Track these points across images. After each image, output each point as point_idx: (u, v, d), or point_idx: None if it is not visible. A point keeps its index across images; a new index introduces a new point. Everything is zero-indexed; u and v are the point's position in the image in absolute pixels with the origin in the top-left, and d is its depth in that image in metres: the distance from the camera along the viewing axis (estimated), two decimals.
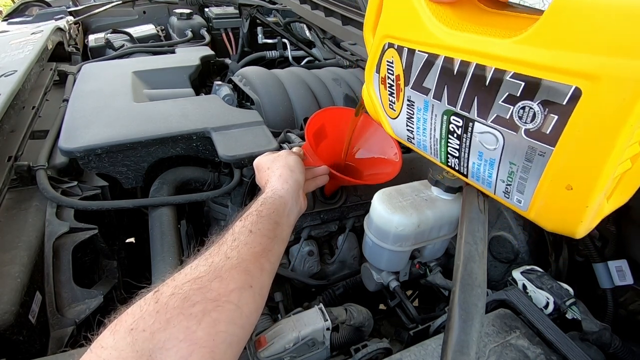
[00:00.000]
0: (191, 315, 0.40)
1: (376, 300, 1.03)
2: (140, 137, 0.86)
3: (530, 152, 0.40)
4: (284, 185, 0.65)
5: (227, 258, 0.47)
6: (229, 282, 0.44)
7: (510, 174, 0.44)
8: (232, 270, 0.45)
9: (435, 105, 0.49)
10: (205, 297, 0.42)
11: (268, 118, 1.06)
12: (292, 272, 0.95)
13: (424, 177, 0.77)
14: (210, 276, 0.44)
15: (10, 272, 0.67)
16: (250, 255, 0.49)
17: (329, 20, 1.63)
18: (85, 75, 1.21)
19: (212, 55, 1.46)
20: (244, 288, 0.45)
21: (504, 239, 0.83)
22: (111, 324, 0.40)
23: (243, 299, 0.44)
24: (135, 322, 0.39)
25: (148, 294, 0.43)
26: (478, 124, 0.44)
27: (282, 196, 0.62)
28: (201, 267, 0.45)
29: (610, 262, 0.73)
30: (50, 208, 0.83)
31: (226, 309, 0.42)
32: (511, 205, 0.46)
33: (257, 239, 0.52)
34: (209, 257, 0.47)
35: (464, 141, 0.48)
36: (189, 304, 0.41)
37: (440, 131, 0.51)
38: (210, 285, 0.43)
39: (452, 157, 0.52)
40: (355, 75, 1.28)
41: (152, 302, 0.41)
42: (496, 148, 0.44)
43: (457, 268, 0.50)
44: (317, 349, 0.63)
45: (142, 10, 2.35)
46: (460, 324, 0.44)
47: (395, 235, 0.70)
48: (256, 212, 0.56)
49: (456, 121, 0.47)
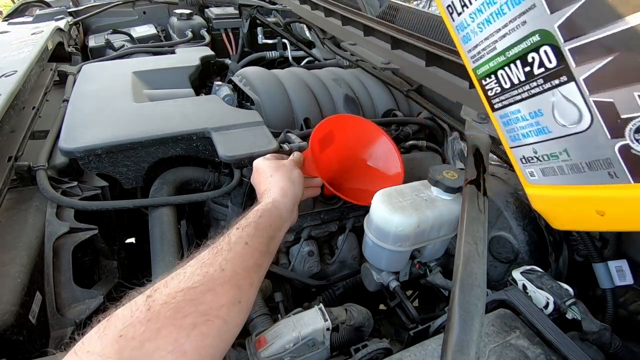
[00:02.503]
0: (181, 327, 0.40)
1: (376, 300, 1.03)
2: (141, 138, 0.86)
3: (604, 164, 0.33)
4: (284, 198, 0.66)
5: (222, 270, 0.47)
6: (221, 297, 0.45)
7: (552, 156, 0.37)
8: (225, 285, 0.46)
9: (534, 14, 0.34)
10: (196, 310, 0.42)
11: (268, 118, 1.06)
12: (292, 272, 0.95)
13: (424, 177, 0.77)
14: (203, 287, 0.44)
15: (10, 272, 0.67)
16: (243, 269, 0.50)
17: (329, 21, 1.63)
18: (85, 75, 1.21)
19: (212, 55, 1.46)
20: (234, 304, 0.46)
21: (504, 239, 0.83)
22: (99, 326, 0.40)
23: (231, 314, 0.45)
24: (125, 328, 0.39)
25: (139, 296, 0.43)
26: (571, 88, 0.33)
27: (281, 210, 0.64)
28: (196, 276, 0.45)
29: (610, 262, 0.73)
30: (50, 208, 0.83)
31: (215, 324, 0.43)
32: (518, 170, 0.43)
33: (251, 252, 0.53)
34: (204, 267, 0.47)
35: (532, 85, 0.37)
36: (181, 315, 0.41)
37: (510, 45, 0.38)
38: (203, 298, 0.44)
39: (495, 80, 0.43)
40: (355, 75, 1.28)
41: (144, 308, 0.41)
42: (566, 128, 0.34)
43: (457, 268, 0.50)
44: (317, 349, 0.63)
45: (142, 10, 2.35)
46: (460, 324, 0.44)
47: (395, 235, 0.70)
48: (254, 224, 0.57)
49: (546, 56, 0.34)
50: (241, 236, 0.54)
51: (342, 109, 1.16)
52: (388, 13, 1.43)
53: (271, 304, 0.83)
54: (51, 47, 1.51)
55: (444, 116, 1.03)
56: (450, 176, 0.72)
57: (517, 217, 0.82)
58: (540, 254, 0.81)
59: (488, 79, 0.45)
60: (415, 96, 1.13)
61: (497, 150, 0.88)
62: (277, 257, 0.97)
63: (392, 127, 1.14)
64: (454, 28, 0.50)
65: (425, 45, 1.11)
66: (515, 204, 0.83)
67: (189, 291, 0.43)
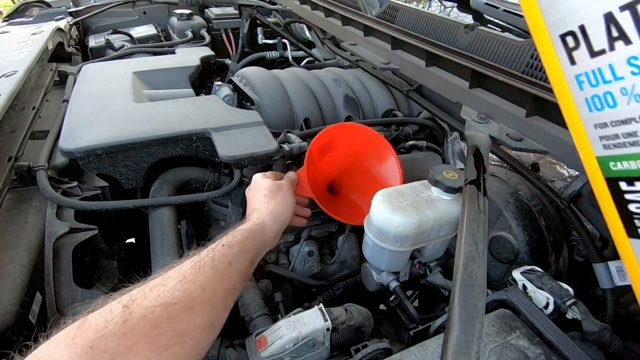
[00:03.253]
0: (155, 346, 0.40)
1: (376, 300, 1.03)
2: (141, 138, 0.86)
3: None
4: (272, 223, 0.66)
5: (203, 289, 0.47)
6: (198, 317, 0.45)
7: None
8: (203, 305, 0.46)
9: None
10: (173, 329, 0.42)
11: (268, 118, 1.06)
12: (292, 273, 0.95)
13: (424, 177, 0.77)
14: (182, 305, 0.44)
15: (10, 272, 0.67)
16: (223, 290, 0.50)
17: (329, 21, 1.63)
18: (85, 75, 1.21)
19: (212, 55, 1.46)
20: (208, 326, 0.46)
21: (504, 239, 0.83)
22: (67, 332, 0.38)
23: (204, 336, 0.45)
24: (97, 339, 0.37)
25: (115, 305, 0.41)
26: None
27: (267, 235, 0.65)
28: (176, 292, 0.45)
29: (610, 262, 0.73)
30: (50, 208, 0.83)
31: (187, 346, 0.43)
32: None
33: (232, 274, 0.53)
34: (185, 282, 0.46)
35: None
36: (157, 332, 0.40)
37: None
38: (181, 317, 0.43)
39: None
40: (355, 75, 1.28)
41: (120, 320, 0.39)
42: None
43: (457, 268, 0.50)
44: (317, 349, 0.63)
45: (142, 10, 2.35)
46: (461, 324, 0.44)
47: (395, 236, 0.70)
48: (240, 244, 0.57)
49: None
50: (226, 255, 0.53)
51: (342, 109, 1.16)
52: (388, 13, 1.43)
53: (271, 304, 0.83)
54: (51, 47, 1.51)
55: (444, 116, 1.03)
56: (450, 176, 0.72)
57: (517, 217, 0.82)
58: (540, 254, 0.81)
59: (633, 184, 0.29)
60: (415, 96, 1.13)
61: (497, 150, 0.89)
62: (277, 257, 0.98)
63: (392, 127, 1.14)
64: (574, 78, 0.33)
65: (425, 45, 1.11)
66: (515, 204, 0.83)
67: (168, 307, 0.43)
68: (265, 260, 0.96)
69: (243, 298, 0.77)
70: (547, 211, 0.85)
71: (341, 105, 1.16)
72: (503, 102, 0.90)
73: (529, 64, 0.93)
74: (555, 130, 0.79)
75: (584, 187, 0.81)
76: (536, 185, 0.83)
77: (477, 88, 0.97)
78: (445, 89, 1.07)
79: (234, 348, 0.69)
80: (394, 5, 1.42)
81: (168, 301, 0.43)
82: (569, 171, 0.86)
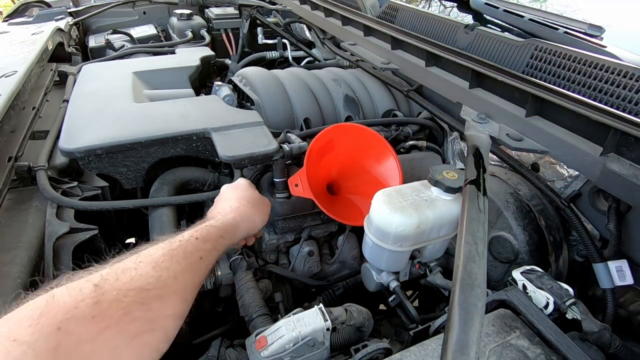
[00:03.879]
0: (125, 333, 0.39)
1: (376, 300, 1.03)
2: (141, 138, 0.86)
3: None
4: (244, 230, 0.67)
5: (175, 278, 0.47)
6: (168, 307, 0.44)
7: None
8: (174, 295, 0.46)
9: None
10: (145, 316, 0.41)
11: (268, 118, 1.06)
12: (292, 272, 0.95)
13: (424, 177, 0.77)
14: (155, 293, 0.43)
15: (10, 272, 0.67)
16: (191, 284, 0.50)
17: (329, 21, 1.63)
18: (85, 75, 1.21)
19: (212, 55, 1.46)
20: (177, 317, 0.46)
21: (504, 239, 0.83)
22: (32, 308, 0.34)
23: (172, 326, 0.45)
24: (66, 320, 0.34)
25: (84, 283, 0.39)
26: None
27: (235, 238, 0.65)
28: (150, 278, 0.44)
29: (610, 262, 0.73)
30: (50, 208, 0.83)
31: (156, 335, 0.42)
32: None
33: (202, 269, 0.53)
34: (158, 269, 0.45)
35: None
36: (129, 318, 0.39)
37: None
38: (153, 304, 0.42)
39: None
40: (355, 75, 1.28)
41: (91, 301, 0.37)
42: None
43: (457, 268, 0.50)
44: (317, 349, 0.63)
45: (142, 10, 2.35)
46: (461, 324, 0.44)
47: (395, 236, 0.70)
48: (213, 241, 0.57)
49: None
50: (199, 249, 0.53)
51: (342, 109, 1.16)
52: (388, 13, 1.43)
53: (271, 304, 0.83)
54: (51, 47, 1.51)
55: (444, 116, 1.03)
56: (450, 176, 0.72)
57: (517, 217, 0.82)
58: (540, 254, 0.81)
59: None
60: (415, 96, 1.13)
61: (497, 150, 0.89)
62: (277, 257, 0.98)
63: (392, 127, 1.14)
64: None
65: (425, 45, 1.11)
66: (515, 204, 0.83)
67: (141, 293, 0.41)
68: (265, 260, 0.96)
69: (243, 298, 0.76)
70: (547, 211, 0.85)
71: (341, 105, 1.16)
72: (503, 102, 0.90)
73: (529, 64, 0.93)
74: (555, 130, 0.79)
75: (584, 187, 0.81)
76: (536, 185, 0.83)
77: (477, 88, 0.97)
78: (445, 89, 1.07)
79: (234, 348, 0.69)
80: (394, 5, 1.42)
81: (141, 286, 0.42)
82: (569, 171, 0.86)
